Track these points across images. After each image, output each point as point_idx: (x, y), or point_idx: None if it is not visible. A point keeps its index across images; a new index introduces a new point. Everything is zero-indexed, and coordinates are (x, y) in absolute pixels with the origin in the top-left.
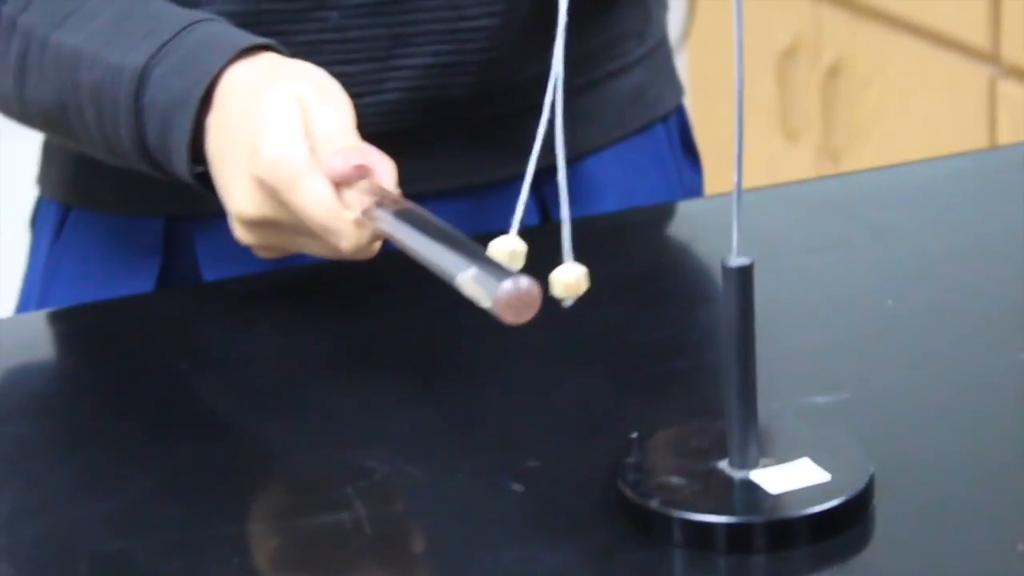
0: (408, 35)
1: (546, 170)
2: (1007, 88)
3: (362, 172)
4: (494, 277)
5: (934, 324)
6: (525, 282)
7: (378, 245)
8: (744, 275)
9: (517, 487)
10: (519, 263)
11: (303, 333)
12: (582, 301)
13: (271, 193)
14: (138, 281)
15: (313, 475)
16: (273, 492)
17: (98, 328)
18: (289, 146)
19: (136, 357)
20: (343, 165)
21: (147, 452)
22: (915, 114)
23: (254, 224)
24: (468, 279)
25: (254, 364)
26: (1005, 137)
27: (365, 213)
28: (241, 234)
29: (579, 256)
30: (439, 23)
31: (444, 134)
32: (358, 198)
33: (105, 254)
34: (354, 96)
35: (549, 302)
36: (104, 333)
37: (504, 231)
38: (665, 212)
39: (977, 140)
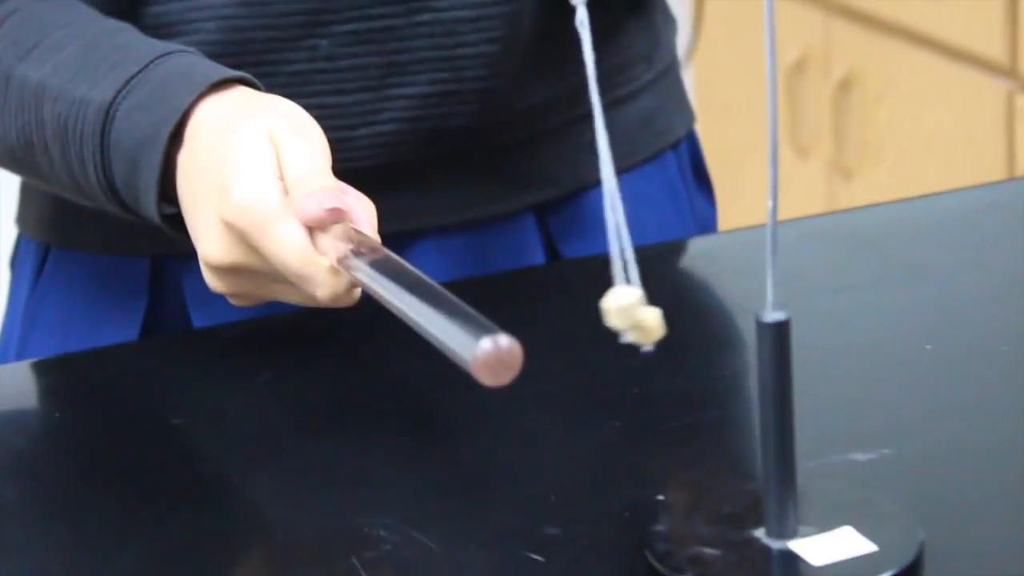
0: (403, 63)
1: (552, 203)
2: None
3: (337, 216)
4: (471, 335)
5: (978, 370)
6: (505, 341)
7: (358, 292)
8: (781, 331)
9: (537, 557)
10: (637, 313)
11: (304, 383)
12: (598, 348)
13: (241, 238)
14: (123, 325)
15: (316, 545)
16: (274, 566)
17: (83, 380)
18: (260, 189)
19: (124, 412)
20: (316, 209)
21: (137, 522)
22: (930, 130)
23: (225, 271)
24: (445, 340)
25: (252, 419)
26: (1023, 152)
27: (340, 261)
28: (212, 281)
29: (587, 297)
30: (435, 50)
31: (443, 166)
32: (333, 244)
33: (88, 297)
34: (348, 128)
35: (564, 349)
36: (89, 385)
37: (508, 268)
38: (680, 249)
39: (995, 156)
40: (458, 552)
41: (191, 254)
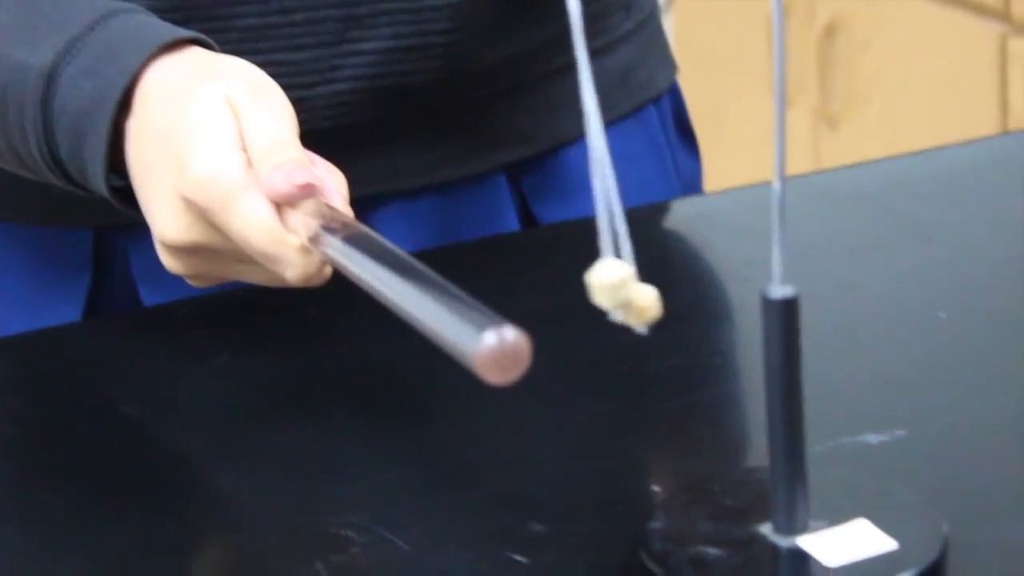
0: (362, 16)
1: (525, 162)
2: (1019, 46)
3: (308, 191)
4: (473, 327)
5: (998, 339)
6: (511, 333)
7: (329, 270)
8: (789, 308)
9: (520, 559)
10: (628, 291)
11: (265, 365)
12: (584, 323)
13: (202, 216)
14: (65, 304)
15: (278, 548)
16: (231, 571)
17: (21, 366)
18: (221, 161)
19: (68, 401)
20: (285, 184)
21: (83, 523)
22: (919, 76)
23: (184, 251)
24: (443, 332)
25: (208, 406)
26: (1017, 99)
27: (312, 240)
28: (169, 261)
29: (568, 267)
30: (397, 1)
31: (407, 126)
32: (303, 220)
33: (25, 274)
34: (304, 87)
35: (546, 325)
36: (29, 372)
37: (481, 234)
38: (666, 211)
39: (987, 103)
40: (433, 554)
41: (137, 225)
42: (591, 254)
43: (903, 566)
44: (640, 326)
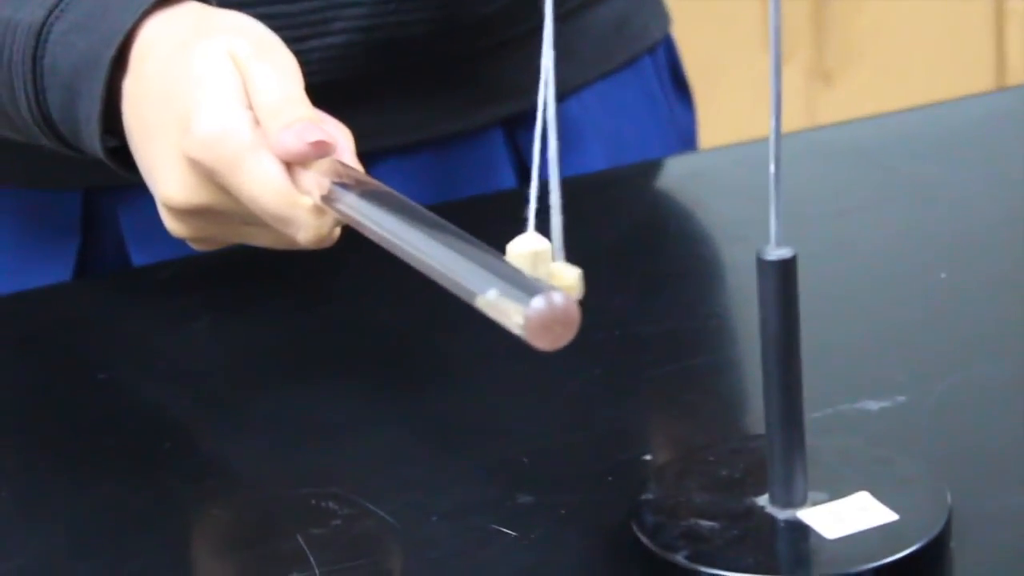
0: None
1: (521, 116)
2: (1015, 2)
3: (321, 149)
4: (521, 291)
5: (999, 299)
6: (560, 298)
7: (338, 231)
8: (786, 270)
9: (507, 531)
10: (544, 268)
11: (247, 331)
12: None
13: (209, 177)
14: (55, 265)
15: (256, 520)
16: (207, 544)
17: (4, 328)
18: (228, 120)
19: (46, 366)
20: (297, 142)
21: (54, 495)
22: (914, 32)
23: (189, 213)
24: (491, 299)
25: (187, 372)
26: (1014, 54)
27: (325, 198)
28: (172, 225)
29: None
30: None
31: (401, 80)
32: (315, 179)
33: (15, 235)
34: (296, 40)
35: None
36: (11, 335)
37: (478, 190)
38: (661, 168)
39: (983, 59)
40: (418, 526)
41: (127, 187)
42: (583, 212)
43: (906, 539)
44: None
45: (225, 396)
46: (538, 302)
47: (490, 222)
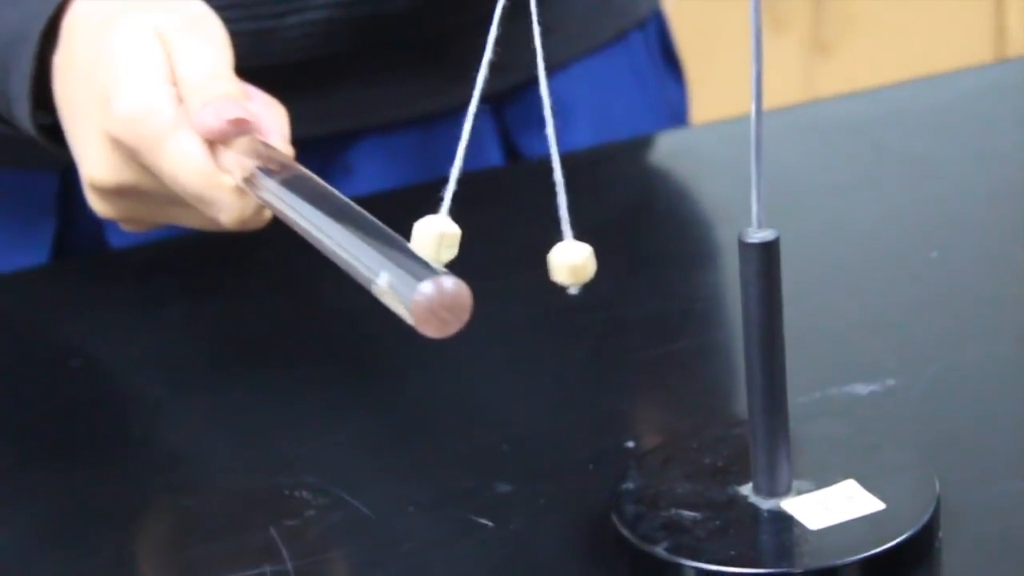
0: None
1: (508, 92)
2: None
3: (241, 127)
4: (410, 276)
5: (991, 280)
6: (450, 283)
7: (269, 213)
8: (768, 252)
9: (485, 522)
10: (448, 252)
11: (222, 316)
12: None
13: (131, 156)
14: (31, 248)
15: (228, 512)
16: (178, 537)
17: None
18: (149, 97)
19: (20, 351)
20: (216, 119)
21: (22, 486)
22: (913, 2)
23: (113, 193)
24: (383, 285)
25: (160, 358)
26: (1014, 25)
27: (247, 181)
28: (97, 205)
29: (548, 206)
30: None
31: (383, 57)
32: (238, 160)
33: None
34: (274, 16)
35: (518, 268)
36: None
37: (466, 169)
38: (649, 145)
39: (982, 30)
40: (393, 517)
41: None
42: (569, 190)
43: (893, 529)
44: (574, 288)
45: (199, 383)
46: (426, 287)
47: (476, 200)
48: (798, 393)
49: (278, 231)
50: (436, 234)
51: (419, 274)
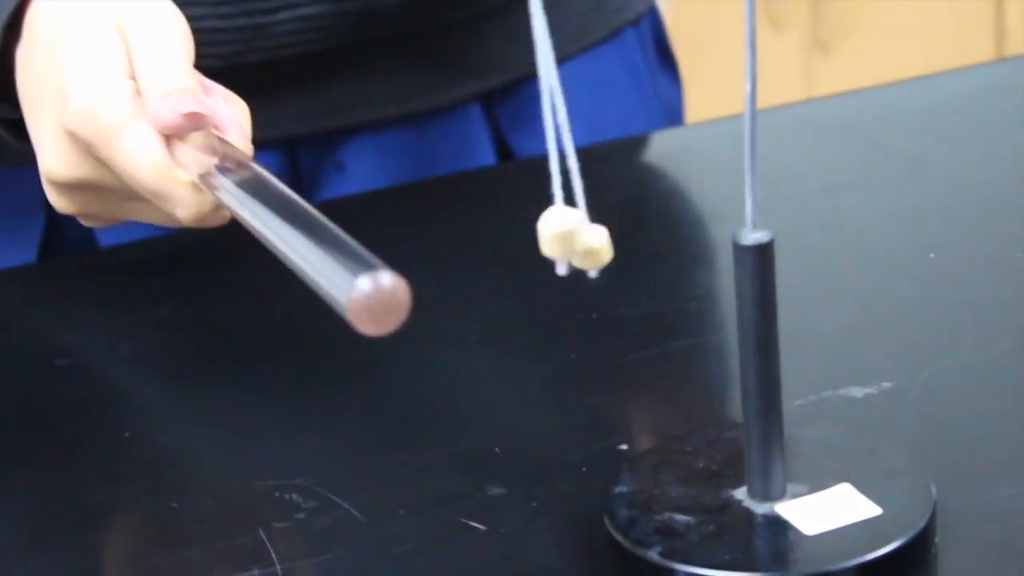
0: None
1: (499, 91)
2: None
3: (196, 122)
4: (347, 271)
5: (990, 281)
6: (388, 279)
7: (228, 213)
8: (763, 254)
9: (477, 525)
10: (602, 254)
11: (212, 315)
12: (547, 265)
13: (87, 150)
14: (19, 246)
15: (216, 514)
16: (165, 540)
17: None
18: (105, 91)
19: (6, 351)
20: (170, 114)
21: (14, 486)
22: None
23: (71, 188)
24: (317, 277)
25: (149, 358)
26: (1013, 24)
27: (203, 178)
28: (56, 200)
29: (540, 204)
30: None
31: (376, 53)
32: (195, 156)
33: None
34: (265, 12)
35: (510, 267)
36: None
37: (459, 168)
38: (643, 144)
39: (983, 26)
40: (383, 520)
41: None
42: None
43: (889, 534)
44: (593, 271)
45: (188, 383)
46: (362, 283)
47: (468, 199)
48: (793, 396)
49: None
50: (567, 230)
51: (355, 270)
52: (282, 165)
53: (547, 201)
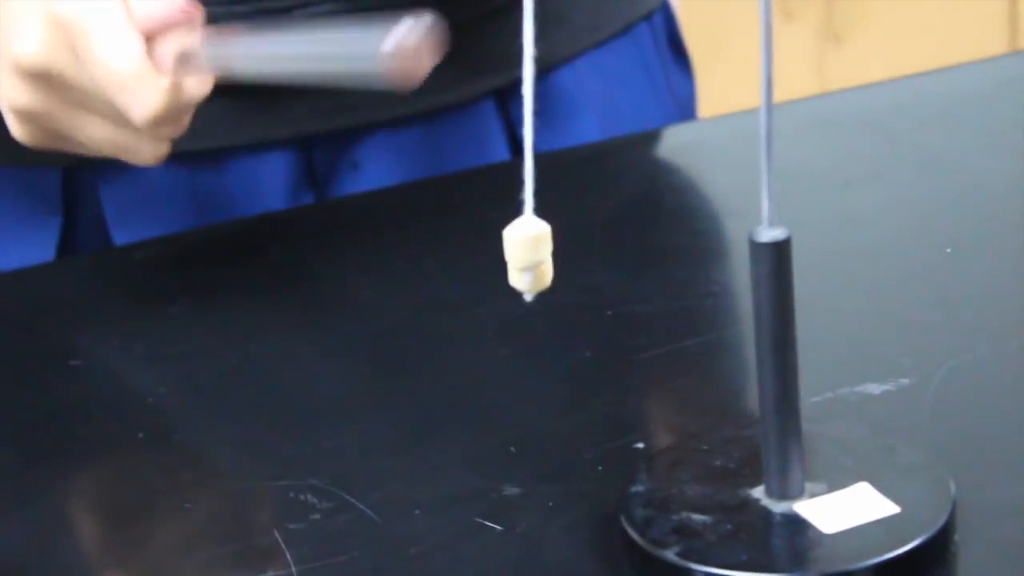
0: None
1: (513, 87)
2: None
3: (189, 17)
4: (371, 35)
5: (1007, 276)
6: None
7: (187, 120)
8: (780, 252)
9: (493, 526)
10: (546, 252)
11: (225, 314)
12: (566, 262)
13: (66, 38)
14: (36, 246)
15: (231, 515)
16: (179, 541)
17: None
18: None
19: (21, 351)
20: (169, 6)
21: (21, 488)
22: None
23: (33, 77)
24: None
25: (162, 358)
26: None
27: (183, 60)
28: (10, 91)
29: (553, 200)
30: None
31: None
32: (172, 45)
33: None
34: (278, 10)
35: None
36: None
37: (473, 165)
38: (656, 139)
39: (995, 16)
40: (400, 520)
41: (108, 165)
42: (576, 185)
43: (908, 533)
44: (530, 294)
45: (202, 382)
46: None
47: (483, 196)
48: (810, 393)
49: (285, 226)
50: (532, 237)
51: (378, 32)
52: (297, 164)
53: (561, 196)
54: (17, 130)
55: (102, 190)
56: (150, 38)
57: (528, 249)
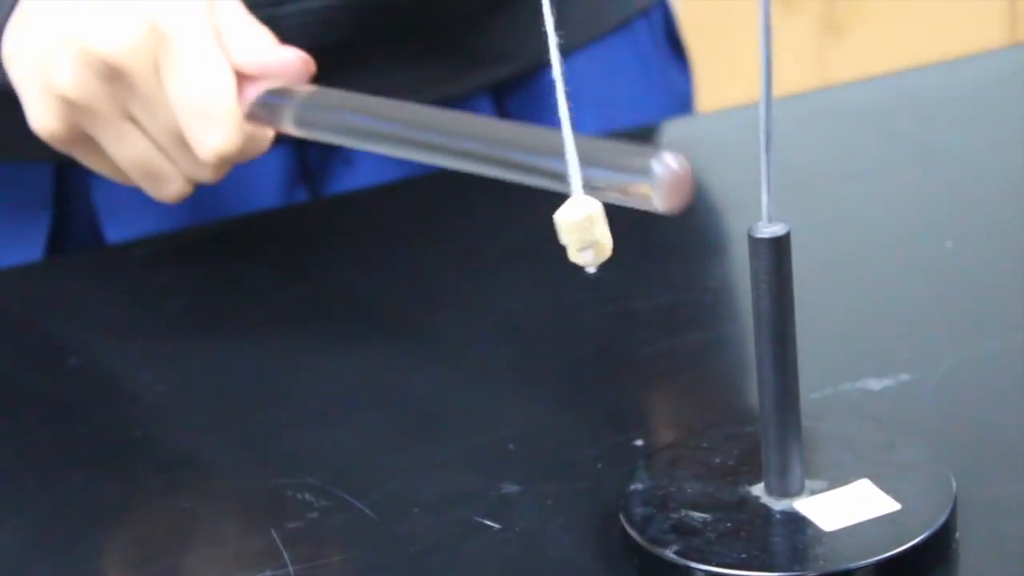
0: None
1: (509, 81)
2: None
3: (302, 75)
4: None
5: (1008, 270)
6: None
7: (227, 171)
8: (779, 247)
9: (491, 524)
10: (601, 230)
11: (222, 312)
12: (563, 259)
13: (154, 51)
14: (26, 243)
15: (228, 514)
16: (176, 540)
17: None
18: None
19: (15, 350)
20: (292, 56)
21: (19, 488)
22: None
23: (104, 72)
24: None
25: (159, 357)
26: None
27: (268, 107)
28: (67, 80)
29: (550, 197)
30: None
31: (383, 46)
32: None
33: None
34: (273, 4)
35: (522, 262)
36: None
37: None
38: (655, 133)
39: (996, 9)
40: (397, 520)
41: None
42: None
43: (909, 531)
44: (593, 267)
45: (198, 381)
46: (660, 162)
47: (479, 192)
48: (810, 389)
49: (283, 224)
50: (585, 217)
51: (643, 154)
52: (290, 159)
53: (559, 194)
54: (47, 119)
55: (94, 185)
56: (246, 77)
57: (582, 230)
